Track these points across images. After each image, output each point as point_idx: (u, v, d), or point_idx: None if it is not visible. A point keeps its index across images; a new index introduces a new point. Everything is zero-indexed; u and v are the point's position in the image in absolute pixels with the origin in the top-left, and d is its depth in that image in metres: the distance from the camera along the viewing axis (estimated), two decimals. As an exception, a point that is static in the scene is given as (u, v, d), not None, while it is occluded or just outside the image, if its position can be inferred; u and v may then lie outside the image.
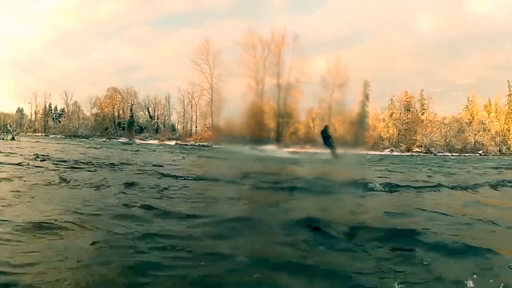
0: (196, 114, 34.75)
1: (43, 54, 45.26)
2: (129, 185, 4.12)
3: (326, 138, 14.77)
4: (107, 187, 3.99)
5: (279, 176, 6.72)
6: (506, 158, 24.68)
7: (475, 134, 29.87)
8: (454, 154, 27.67)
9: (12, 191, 3.38)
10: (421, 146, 29.07)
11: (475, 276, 1.61)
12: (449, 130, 29.94)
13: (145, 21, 47.59)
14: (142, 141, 32.44)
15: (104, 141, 30.28)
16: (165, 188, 4.08)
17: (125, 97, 35.96)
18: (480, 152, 28.55)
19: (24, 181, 4.14)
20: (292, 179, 5.67)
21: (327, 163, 11.29)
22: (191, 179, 5.08)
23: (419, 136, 29.74)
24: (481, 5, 36.12)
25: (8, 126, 34.66)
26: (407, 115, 31.13)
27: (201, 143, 30.39)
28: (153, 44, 44.06)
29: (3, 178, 4.19)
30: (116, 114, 35.70)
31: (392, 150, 28.69)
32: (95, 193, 3.63)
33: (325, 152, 15.39)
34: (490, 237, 2.42)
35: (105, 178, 4.61)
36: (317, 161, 12.40)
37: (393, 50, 39.29)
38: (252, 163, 10.72)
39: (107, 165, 6.80)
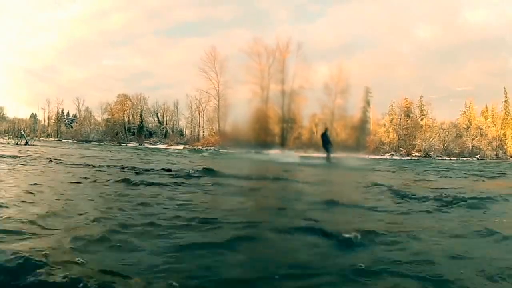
0: (203, 120, 35.98)
1: (56, 62, 46.98)
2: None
3: (326, 141, 15.40)
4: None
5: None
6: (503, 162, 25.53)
7: (473, 139, 30.84)
8: (452, 158, 28.61)
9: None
10: (421, 151, 30.08)
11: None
12: (447, 135, 30.94)
13: (154, 30, 49.34)
14: (151, 146, 33.60)
15: (120, 145, 31.47)
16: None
17: (135, 103, 37.32)
18: (478, 156, 29.49)
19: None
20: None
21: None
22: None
23: (418, 141, 30.74)
24: (477, 14, 37.38)
25: (22, 131, 35.70)
26: (407, 120, 32.13)
27: (208, 148, 31.38)
28: (162, 52, 45.62)
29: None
30: (126, 119, 37.00)
31: (392, 155, 29.67)
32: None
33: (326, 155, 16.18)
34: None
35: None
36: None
37: (393, 57, 40.50)
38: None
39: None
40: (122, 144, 33.85)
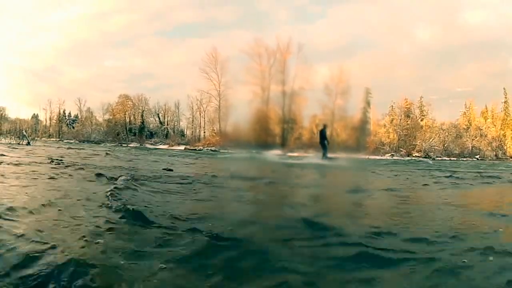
0: (204, 120, 35.99)
1: (57, 63, 46.97)
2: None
3: (322, 138, 15.51)
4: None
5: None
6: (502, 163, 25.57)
7: (473, 140, 30.91)
8: (452, 158, 28.66)
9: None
10: (421, 151, 30.14)
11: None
12: (447, 136, 31.01)
13: (155, 31, 49.18)
14: (152, 146, 33.74)
15: (121, 146, 31.62)
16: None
17: (136, 104, 37.38)
18: (477, 157, 29.54)
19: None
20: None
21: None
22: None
23: (418, 141, 30.80)
24: (477, 15, 37.26)
25: (23, 131, 35.69)
26: (407, 121, 32.19)
27: (209, 148, 31.54)
28: (163, 53, 45.55)
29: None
30: (127, 120, 37.09)
31: (392, 155, 29.74)
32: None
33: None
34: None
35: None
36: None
37: (393, 58, 40.37)
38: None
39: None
40: (123, 145, 34.00)
